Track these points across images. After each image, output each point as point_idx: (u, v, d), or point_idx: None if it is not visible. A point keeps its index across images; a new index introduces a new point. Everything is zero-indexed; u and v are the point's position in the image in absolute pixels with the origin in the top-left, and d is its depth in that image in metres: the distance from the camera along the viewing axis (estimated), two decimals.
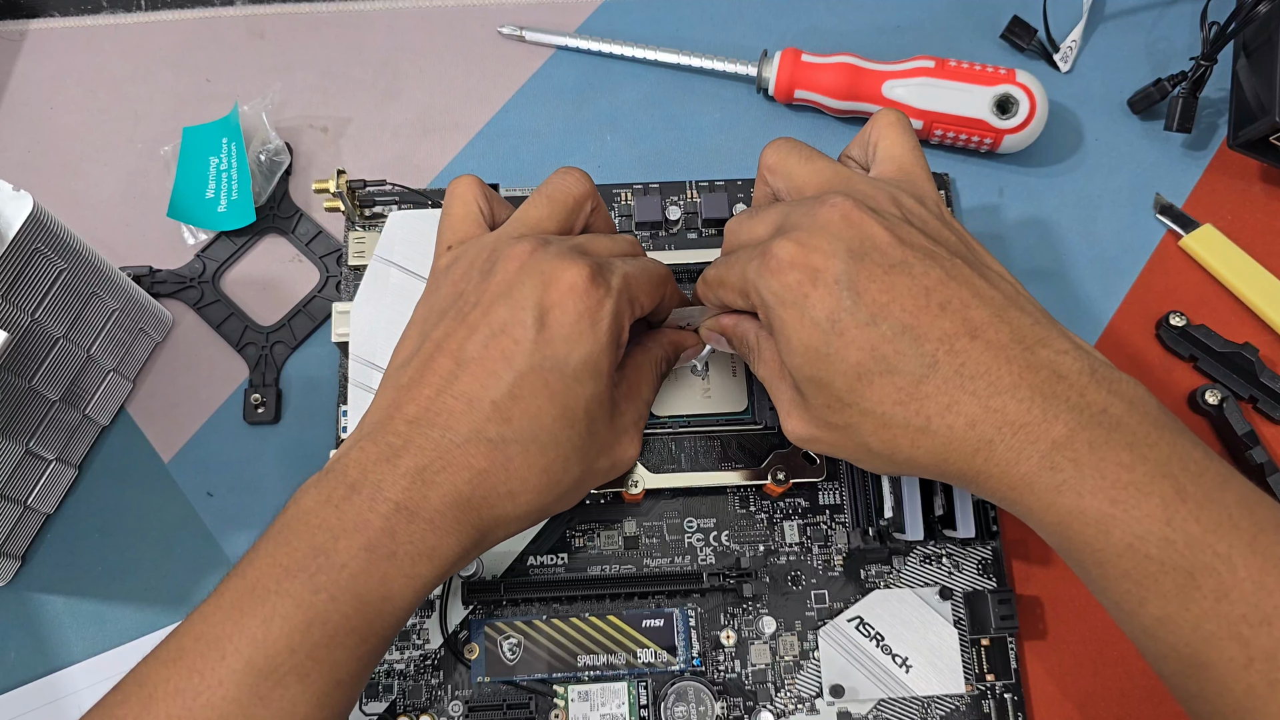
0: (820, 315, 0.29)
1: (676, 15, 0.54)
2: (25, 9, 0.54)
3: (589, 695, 0.39)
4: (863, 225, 0.30)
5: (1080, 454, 0.27)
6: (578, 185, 0.35)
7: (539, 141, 0.51)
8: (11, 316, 0.37)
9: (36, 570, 0.43)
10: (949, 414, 0.28)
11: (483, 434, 0.30)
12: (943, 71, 0.48)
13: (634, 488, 0.40)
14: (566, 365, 0.31)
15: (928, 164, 0.35)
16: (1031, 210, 0.50)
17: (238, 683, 0.27)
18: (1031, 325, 0.29)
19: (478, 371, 0.30)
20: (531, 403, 0.30)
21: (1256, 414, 0.45)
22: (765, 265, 0.30)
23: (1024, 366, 0.28)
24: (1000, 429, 0.28)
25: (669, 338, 0.38)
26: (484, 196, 0.36)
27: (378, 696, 0.40)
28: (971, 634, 0.41)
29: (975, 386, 0.28)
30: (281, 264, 0.49)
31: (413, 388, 0.31)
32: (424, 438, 0.30)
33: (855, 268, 0.29)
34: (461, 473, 0.30)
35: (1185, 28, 0.53)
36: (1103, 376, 0.28)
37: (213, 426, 0.46)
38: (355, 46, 0.53)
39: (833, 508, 0.42)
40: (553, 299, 0.31)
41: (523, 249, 0.32)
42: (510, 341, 0.30)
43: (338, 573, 0.28)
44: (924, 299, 0.29)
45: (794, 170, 0.34)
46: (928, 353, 0.28)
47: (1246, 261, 0.47)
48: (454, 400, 0.30)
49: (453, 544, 0.30)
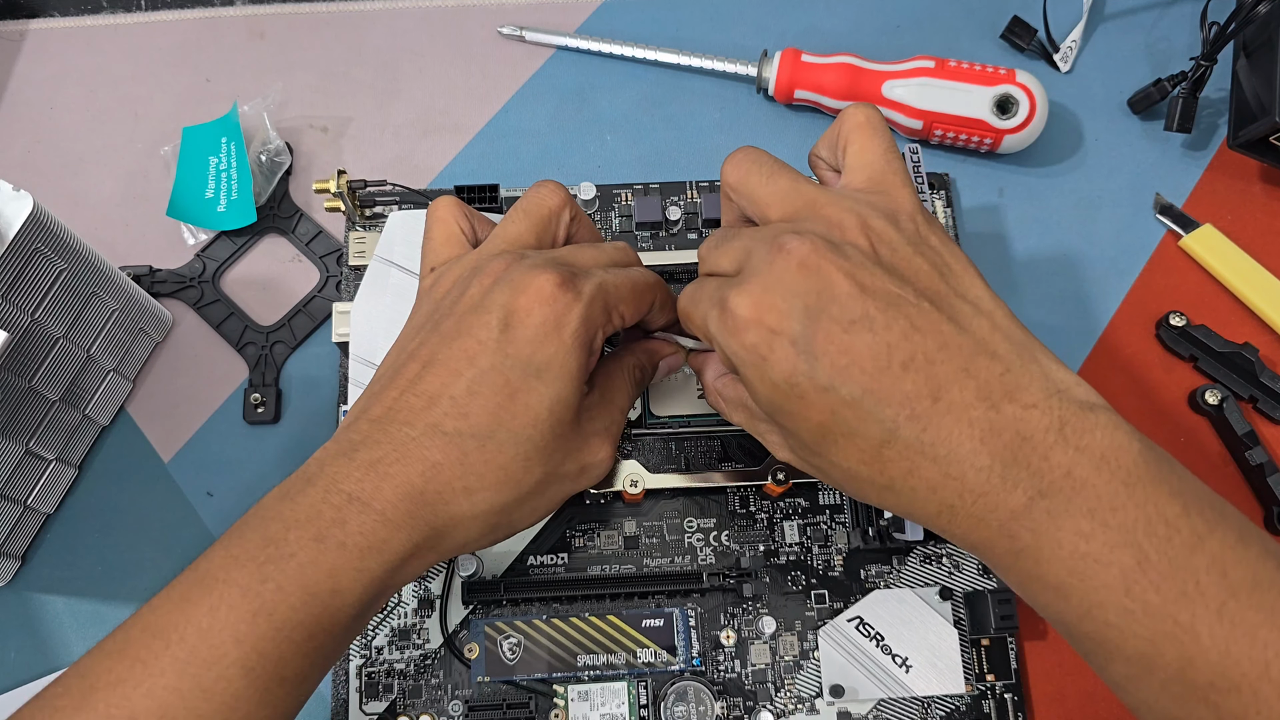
0: (779, 378, 0.29)
1: (676, 15, 0.54)
2: (25, 9, 0.54)
3: (589, 695, 0.39)
4: (820, 273, 0.28)
5: (1039, 523, 0.26)
6: (552, 197, 0.35)
7: (539, 141, 0.51)
8: (11, 316, 0.37)
9: (36, 570, 0.43)
10: (911, 478, 0.28)
11: (439, 428, 0.30)
12: (943, 71, 0.48)
13: (634, 488, 0.40)
14: (529, 365, 0.30)
15: (904, 166, 0.32)
16: (1031, 210, 0.50)
17: (180, 672, 0.26)
18: (1000, 375, 0.28)
19: (440, 371, 0.31)
20: (491, 399, 0.30)
21: (1256, 414, 0.45)
22: (724, 324, 0.30)
23: (986, 430, 0.27)
24: (961, 496, 0.27)
25: (647, 346, 0.38)
26: (464, 216, 0.36)
27: (378, 696, 0.40)
28: (971, 634, 0.41)
29: (936, 453, 0.27)
30: (281, 264, 0.49)
31: (381, 392, 0.31)
32: (383, 433, 0.30)
33: (812, 328, 0.28)
34: (415, 465, 0.30)
35: (1185, 28, 0.53)
36: (1072, 430, 0.27)
37: (213, 426, 0.46)
38: (355, 46, 0.53)
39: (833, 508, 0.42)
40: (519, 304, 0.31)
41: (498, 264, 0.32)
42: (474, 342, 0.30)
43: (286, 562, 0.28)
44: (885, 358, 0.28)
45: (755, 190, 0.32)
46: (889, 418, 0.28)
47: (1246, 261, 0.47)
48: (415, 398, 0.30)
49: (403, 538, 0.29)
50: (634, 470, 0.40)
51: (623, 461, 0.41)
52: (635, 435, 0.43)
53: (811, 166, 0.36)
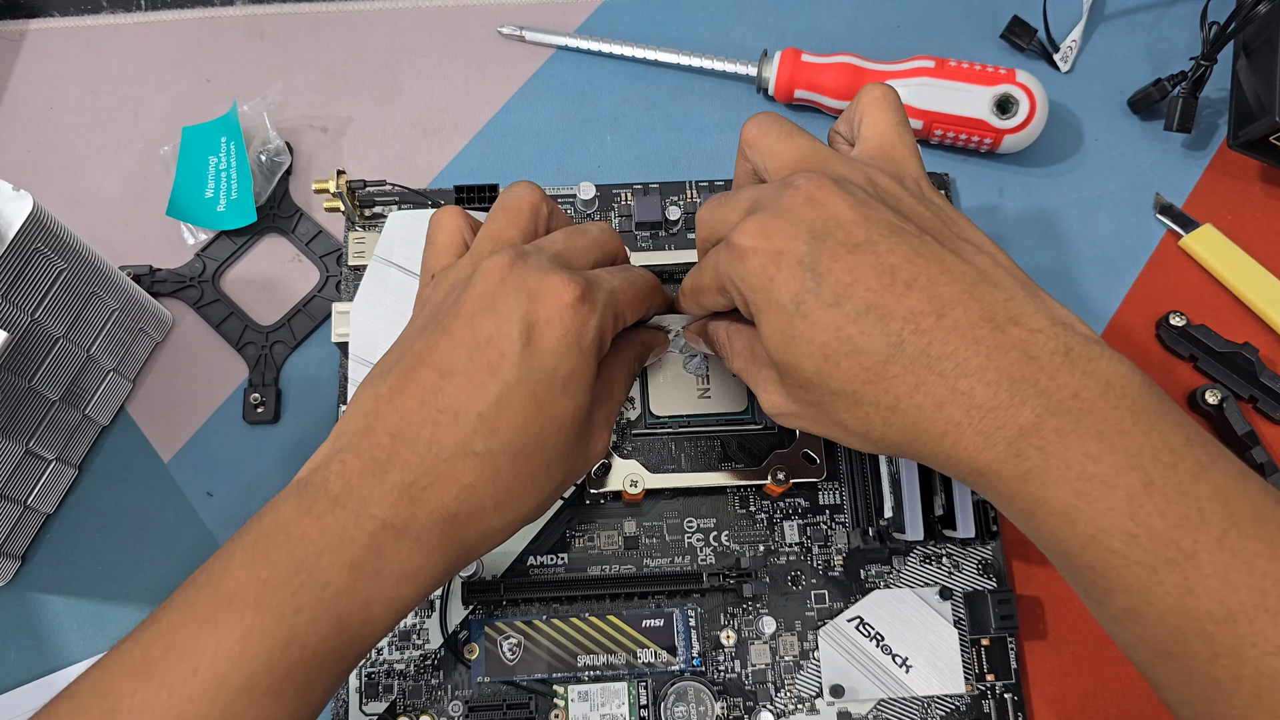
0: (785, 298, 0.29)
1: (676, 15, 0.54)
2: (25, 9, 0.54)
3: (589, 695, 0.39)
4: (827, 204, 0.29)
5: (1047, 442, 0.27)
6: (530, 192, 0.35)
7: (539, 141, 0.51)
8: (11, 316, 0.37)
9: (36, 570, 0.43)
10: (916, 394, 0.28)
11: (470, 447, 0.29)
12: (943, 71, 0.48)
13: (634, 488, 0.40)
14: (554, 377, 0.30)
15: (913, 139, 0.34)
16: (1031, 210, 0.50)
17: (211, 700, 0.26)
18: (1004, 301, 0.28)
19: (463, 384, 0.30)
20: (519, 414, 0.30)
21: (1256, 414, 0.45)
22: (731, 253, 0.30)
23: (992, 347, 0.28)
24: (968, 412, 0.27)
25: (640, 337, 0.38)
26: (469, 227, 0.36)
27: (378, 696, 0.40)
28: (971, 634, 0.41)
29: (942, 367, 0.28)
30: (281, 264, 0.49)
31: (394, 398, 0.30)
32: (410, 451, 0.29)
33: (818, 248, 0.29)
34: (449, 488, 0.29)
35: (1185, 28, 0.53)
36: (1079, 356, 0.27)
37: (212, 426, 0.46)
38: (355, 46, 0.53)
39: (833, 508, 0.42)
40: (539, 314, 0.30)
41: (502, 261, 0.31)
42: (496, 354, 0.30)
43: (321, 590, 0.27)
44: (889, 277, 0.28)
45: (773, 146, 0.34)
46: (893, 332, 0.28)
47: (1246, 261, 0.47)
48: (439, 413, 0.29)
49: (438, 562, 0.29)
50: (634, 470, 0.40)
51: (623, 461, 0.41)
52: (635, 435, 0.43)
53: (831, 143, 0.37)
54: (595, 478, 0.41)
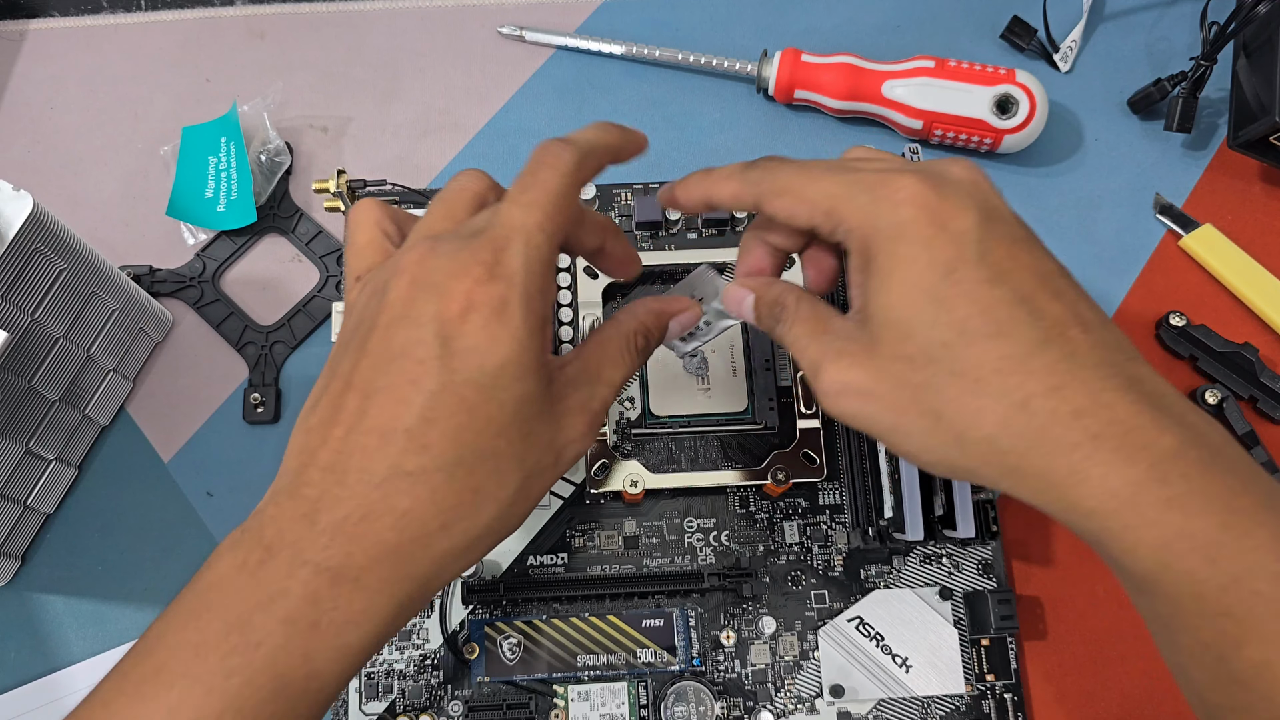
0: (940, 259, 0.28)
1: (676, 15, 0.54)
2: (25, 9, 0.54)
3: (589, 695, 0.39)
4: (991, 196, 0.29)
5: (1191, 470, 0.25)
6: (474, 180, 0.32)
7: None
8: (11, 316, 0.37)
9: (36, 570, 0.43)
10: (1053, 397, 0.26)
11: (401, 468, 0.26)
12: (943, 71, 0.48)
13: (634, 488, 0.40)
14: (482, 374, 0.27)
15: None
16: (1031, 210, 0.49)
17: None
18: (1126, 343, 0.28)
19: (385, 401, 0.27)
20: (448, 424, 0.26)
21: (1256, 414, 0.45)
22: (885, 190, 0.29)
23: (1128, 377, 0.27)
24: (1110, 425, 0.26)
25: (649, 307, 0.33)
26: (388, 219, 0.32)
27: (378, 696, 0.40)
28: (971, 634, 0.41)
29: (1086, 375, 0.26)
30: (281, 264, 0.49)
31: (323, 429, 0.28)
32: (340, 485, 0.26)
33: (986, 227, 0.28)
34: (385, 518, 0.26)
35: (1185, 28, 0.53)
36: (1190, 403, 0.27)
37: (212, 426, 0.46)
38: (355, 46, 0.53)
39: (833, 508, 0.42)
40: (451, 310, 0.27)
41: (411, 258, 0.28)
42: (414, 364, 0.27)
43: (253, 652, 0.25)
44: (1043, 280, 0.28)
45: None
46: (1043, 328, 0.27)
47: (1246, 261, 0.47)
48: (365, 436, 0.27)
49: (385, 603, 0.26)
50: (634, 470, 0.40)
51: (623, 461, 0.41)
52: (635, 435, 0.43)
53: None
54: (595, 478, 0.41)
